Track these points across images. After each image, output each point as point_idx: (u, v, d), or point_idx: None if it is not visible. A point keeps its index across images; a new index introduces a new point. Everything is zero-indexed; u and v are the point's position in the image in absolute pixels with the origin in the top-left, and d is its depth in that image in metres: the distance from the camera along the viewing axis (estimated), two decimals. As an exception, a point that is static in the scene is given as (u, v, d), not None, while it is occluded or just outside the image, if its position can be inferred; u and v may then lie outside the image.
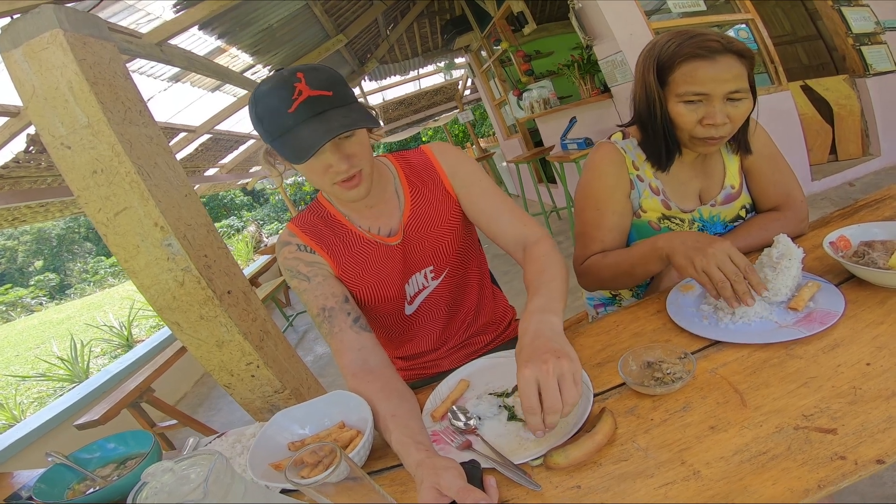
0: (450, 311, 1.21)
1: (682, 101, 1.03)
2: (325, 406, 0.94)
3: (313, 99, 0.87)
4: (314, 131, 0.86)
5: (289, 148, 0.88)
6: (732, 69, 0.98)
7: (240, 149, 7.49)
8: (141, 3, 2.62)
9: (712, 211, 1.19)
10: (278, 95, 0.87)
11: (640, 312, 1.01)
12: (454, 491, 0.63)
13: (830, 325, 0.74)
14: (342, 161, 0.93)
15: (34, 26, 1.31)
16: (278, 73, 0.91)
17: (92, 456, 1.12)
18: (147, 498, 0.54)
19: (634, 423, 0.71)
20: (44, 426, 3.28)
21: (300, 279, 1.06)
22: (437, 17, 6.84)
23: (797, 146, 3.58)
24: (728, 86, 0.98)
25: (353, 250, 1.10)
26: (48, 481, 1.02)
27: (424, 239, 1.13)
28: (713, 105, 1.00)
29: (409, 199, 1.12)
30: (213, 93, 4.63)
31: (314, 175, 0.96)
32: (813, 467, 0.53)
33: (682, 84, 1.01)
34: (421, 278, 1.15)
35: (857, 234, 0.88)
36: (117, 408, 2.94)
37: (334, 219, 1.12)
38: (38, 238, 24.61)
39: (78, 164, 1.45)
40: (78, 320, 12.77)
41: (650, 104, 1.09)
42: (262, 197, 26.67)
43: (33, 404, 6.04)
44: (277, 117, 0.88)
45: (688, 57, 1.00)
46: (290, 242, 1.10)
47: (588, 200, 1.20)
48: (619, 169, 1.17)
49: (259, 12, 3.56)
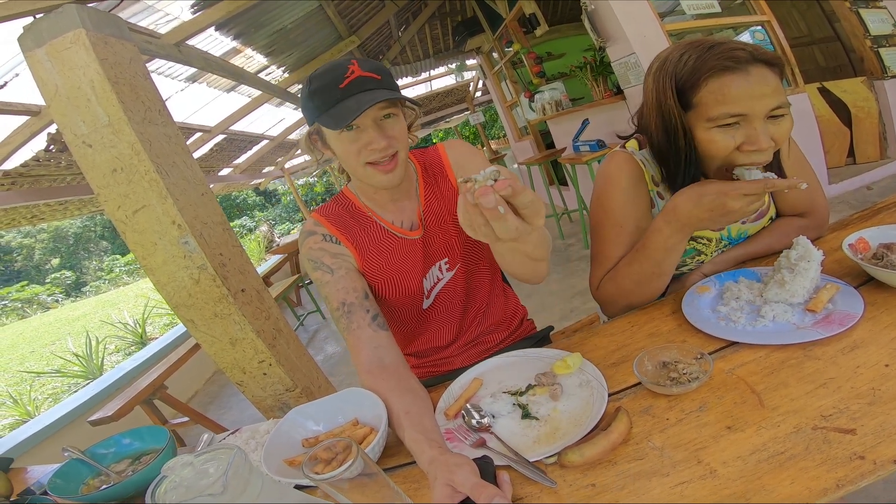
0: (463, 304, 1.22)
1: (715, 125, 0.88)
2: (339, 403, 0.95)
3: (363, 78, 0.95)
4: (360, 101, 0.92)
5: (334, 116, 0.94)
6: (769, 81, 0.85)
7: (253, 149, 7.57)
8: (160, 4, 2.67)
9: (741, 228, 1.12)
10: (332, 74, 0.95)
11: (656, 313, 1.00)
12: (468, 487, 0.63)
13: (849, 326, 0.73)
14: (382, 138, 0.97)
15: (57, 26, 1.34)
16: (333, 60, 1.01)
17: (107, 451, 1.13)
18: (166, 492, 0.54)
19: (650, 422, 0.70)
20: (58, 422, 3.32)
21: (323, 270, 1.07)
22: (448, 18, 6.85)
23: (815, 149, 3.53)
24: (768, 102, 0.84)
25: (377, 243, 1.12)
26: (63, 476, 1.04)
27: (439, 232, 1.15)
28: (754, 127, 0.86)
29: (423, 194, 1.15)
30: (227, 93, 4.68)
31: (351, 153, 0.99)
32: (831, 467, 0.53)
33: (713, 106, 0.87)
34: (437, 271, 1.17)
35: (876, 236, 0.87)
36: (131, 404, 2.97)
37: (359, 211, 1.14)
38: (55, 236, 25.04)
39: (98, 162, 1.48)
40: (93, 317, 12.92)
41: (670, 133, 0.94)
42: (275, 197, 26.89)
43: (47, 400, 6.16)
44: (329, 91, 0.95)
45: (714, 71, 0.86)
46: (316, 232, 1.11)
47: (607, 216, 1.08)
48: (638, 182, 1.06)
49: (274, 13, 3.61)
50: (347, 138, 0.98)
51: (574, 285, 3.75)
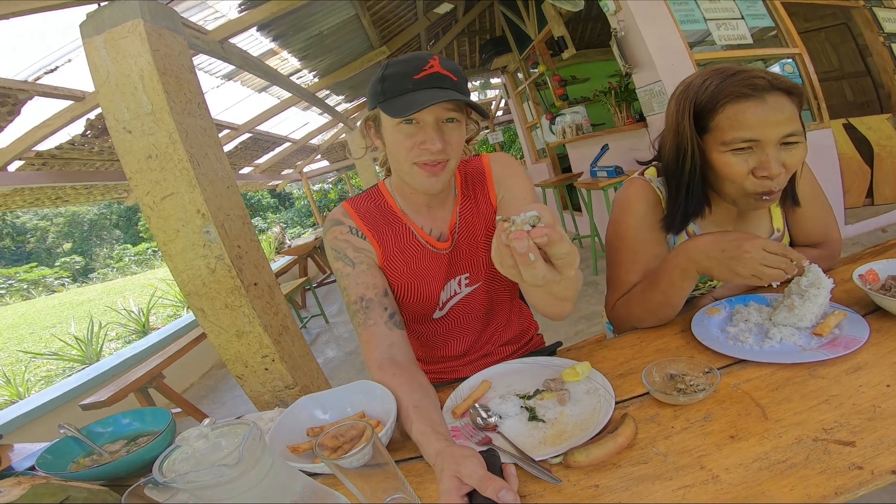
0: (483, 320, 1.21)
1: (729, 149, 0.92)
2: (349, 394, 0.96)
3: (441, 75, 0.92)
4: (430, 95, 0.90)
5: (400, 104, 0.91)
6: (784, 109, 0.88)
7: (275, 150, 7.70)
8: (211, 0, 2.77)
9: None
10: (412, 64, 0.93)
11: (665, 330, 1.03)
12: (475, 479, 0.63)
13: (854, 349, 0.75)
14: (439, 140, 0.94)
15: (119, 15, 1.41)
16: (414, 52, 0.98)
17: (105, 430, 1.12)
18: (175, 461, 0.54)
19: (655, 429, 0.72)
20: (50, 403, 3.34)
21: (345, 262, 1.07)
22: (477, 36, 7.00)
23: (834, 188, 3.48)
24: (781, 129, 0.88)
25: (402, 245, 1.10)
26: (55, 452, 1.02)
27: (468, 247, 1.13)
28: (766, 152, 0.89)
29: (459, 207, 1.13)
30: (259, 93, 4.80)
31: (403, 147, 0.96)
32: (831, 476, 0.55)
33: (728, 130, 0.90)
34: (455, 284, 1.15)
35: (886, 268, 0.90)
36: (126, 391, 2.99)
37: (391, 210, 1.12)
38: (70, 221, 25.40)
39: (135, 148, 1.54)
40: (98, 303, 12.88)
41: (680, 153, 0.98)
42: (289, 201, 27.14)
43: (40, 382, 6.08)
44: (402, 80, 0.92)
45: (732, 97, 0.89)
46: (343, 223, 1.10)
47: (622, 242, 1.11)
48: (654, 209, 1.09)
49: (314, 17, 3.72)
50: (405, 131, 0.95)
51: (580, 309, 3.73)
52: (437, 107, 0.92)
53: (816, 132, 3.46)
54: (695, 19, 3.42)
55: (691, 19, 3.41)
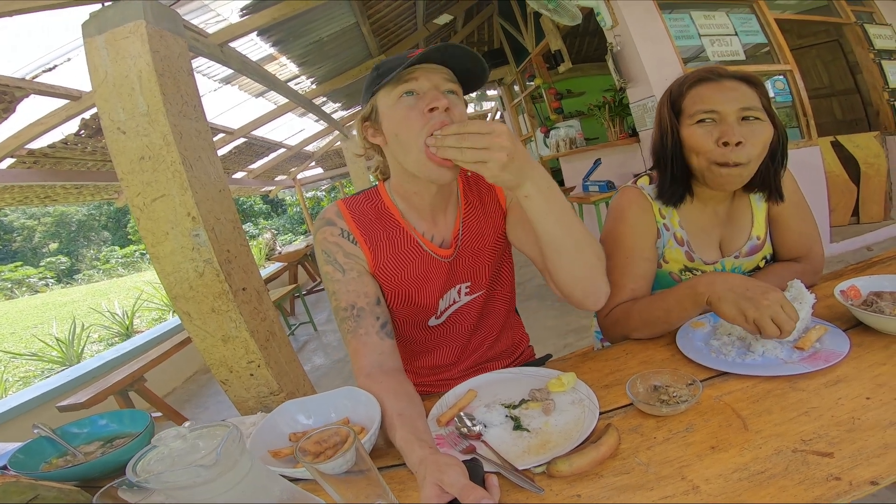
0: (472, 327, 1.19)
1: (694, 122, 1.05)
2: (334, 400, 0.95)
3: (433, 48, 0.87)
4: (425, 54, 0.86)
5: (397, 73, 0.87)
6: (738, 88, 1.02)
7: (270, 156, 7.69)
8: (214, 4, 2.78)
9: (735, 262, 1.18)
10: (405, 53, 0.91)
11: (650, 343, 1.04)
12: (457, 489, 0.62)
13: (834, 363, 0.77)
14: (443, 98, 0.87)
15: (121, 16, 1.41)
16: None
17: (81, 431, 1.09)
18: (150, 461, 0.53)
19: (638, 440, 0.73)
20: (27, 404, 3.28)
21: (335, 267, 1.03)
22: (475, 47, 7.07)
23: (821, 206, 3.51)
24: (737, 103, 1.00)
25: (398, 250, 1.05)
26: (27, 452, 1.01)
27: (471, 255, 1.10)
28: (727, 122, 1.01)
29: (463, 213, 1.10)
30: (256, 98, 4.81)
31: (411, 119, 0.88)
32: (809, 486, 0.55)
33: (691, 105, 1.05)
34: (455, 293, 1.12)
35: (867, 284, 0.92)
36: (105, 393, 2.93)
37: (388, 213, 1.06)
38: (58, 221, 25.07)
39: (129, 148, 1.53)
40: (82, 305, 12.70)
41: (663, 134, 1.12)
42: (281, 207, 27.06)
43: (17, 383, 5.96)
44: (396, 60, 0.90)
45: (695, 81, 1.06)
46: (335, 224, 1.05)
47: (616, 246, 1.15)
48: (646, 214, 1.15)
49: (314, 24, 3.75)
50: (406, 103, 0.89)
51: (570, 322, 3.72)
52: (434, 74, 0.89)
53: (804, 150, 3.51)
54: (690, 35, 3.48)
55: (686, 35, 3.47)
